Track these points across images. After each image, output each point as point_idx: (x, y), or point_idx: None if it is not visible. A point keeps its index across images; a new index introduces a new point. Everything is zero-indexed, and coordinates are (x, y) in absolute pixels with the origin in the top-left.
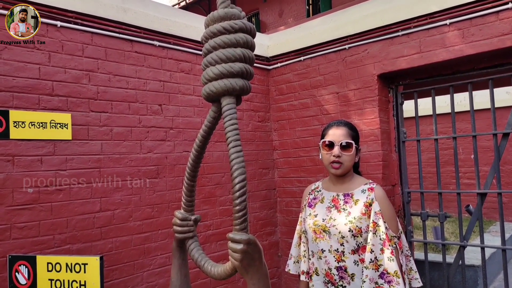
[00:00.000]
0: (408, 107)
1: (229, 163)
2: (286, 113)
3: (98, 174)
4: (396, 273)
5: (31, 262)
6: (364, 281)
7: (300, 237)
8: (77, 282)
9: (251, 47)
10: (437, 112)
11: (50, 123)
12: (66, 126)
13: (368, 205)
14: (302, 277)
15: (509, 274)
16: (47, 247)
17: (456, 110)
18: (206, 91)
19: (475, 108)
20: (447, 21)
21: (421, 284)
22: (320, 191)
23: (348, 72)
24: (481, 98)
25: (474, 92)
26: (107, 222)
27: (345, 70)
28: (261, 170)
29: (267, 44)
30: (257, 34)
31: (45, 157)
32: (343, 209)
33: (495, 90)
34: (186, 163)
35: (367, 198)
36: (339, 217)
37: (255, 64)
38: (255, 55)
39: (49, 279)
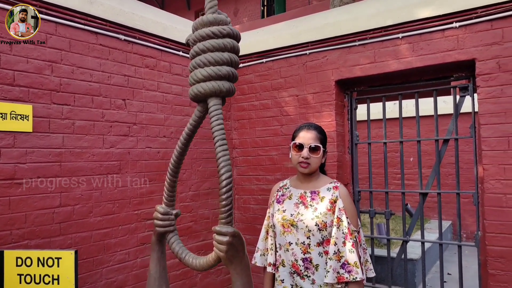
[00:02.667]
0: (363, 111)
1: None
2: (246, 113)
3: (58, 168)
4: (356, 264)
5: None
6: (328, 271)
7: (267, 231)
8: (49, 277)
9: (237, 52)
10: (387, 116)
11: (11, 114)
12: (27, 118)
13: (333, 202)
14: (269, 269)
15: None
16: (4, 243)
17: (392, 116)
18: (194, 91)
19: (405, 115)
20: (400, 35)
21: (374, 274)
22: (288, 188)
23: (308, 76)
24: (420, 106)
25: (413, 100)
26: (67, 218)
27: (305, 74)
28: None
29: None
30: None
31: (4, 149)
32: (310, 205)
33: (423, 100)
34: (148, 159)
35: (332, 195)
36: (306, 212)
37: None
38: None
39: (18, 274)
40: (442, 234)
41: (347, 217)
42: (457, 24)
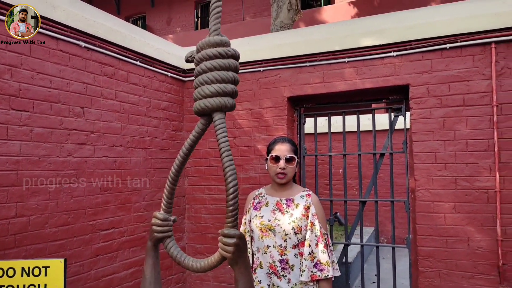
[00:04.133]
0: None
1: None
2: None
3: (15, 177)
4: (327, 263)
5: None
6: (304, 270)
7: None
8: (35, 286)
9: (238, 71)
10: (332, 130)
11: None
12: None
13: (307, 208)
14: None
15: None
16: None
17: (338, 130)
18: (201, 106)
19: (348, 130)
20: (346, 59)
21: (339, 273)
22: (264, 196)
23: (262, 92)
24: (354, 122)
25: (349, 117)
26: (22, 229)
27: (259, 90)
28: None
29: (183, 56)
30: (174, 46)
31: None
32: (286, 211)
33: (368, 116)
34: (105, 168)
35: (305, 202)
36: (283, 218)
37: (171, 75)
38: (172, 66)
39: None
40: (367, 240)
41: (319, 222)
42: (395, 53)
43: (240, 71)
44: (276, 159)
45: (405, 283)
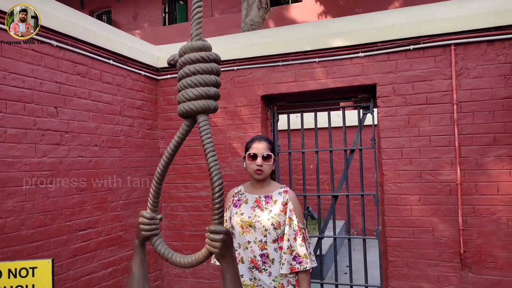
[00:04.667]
0: (284, 121)
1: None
2: (174, 123)
3: None
4: (305, 255)
5: None
6: (283, 263)
7: None
8: (23, 287)
9: (219, 74)
10: (305, 127)
11: None
12: None
13: (285, 204)
14: None
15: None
16: None
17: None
18: (185, 108)
19: (320, 126)
20: (317, 59)
21: (316, 264)
22: (243, 193)
23: (236, 91)
24: (325, 119)
25: (320, 113)
26: None
27: (233, 89)
28: (149, 176)
29: (157, 55)
30: (144, 43)
31: None
32: (265, 208)
33: (339, 112)
34: (80, 169)
35: (283, 198)
36: (262, 214)
37: (144, 73)
38: (146, 65)
39: None
40: (338, 233)
41: (296, 217)
42: (362, 54)
43: None
44: (254, 157)
45: (375, 273)
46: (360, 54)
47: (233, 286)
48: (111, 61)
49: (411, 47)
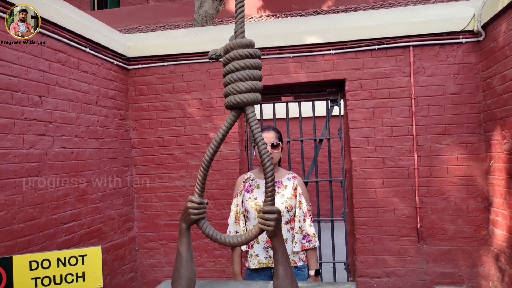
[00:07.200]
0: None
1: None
2: (147, 113)
3: None
4: (314, 234)
5: (4, 264)
6: (296, 242)
7: (236, 217)
8: (73, 275)
9: (261, 69)
10: (276, 117)
11: None
12: None
13: (295, 189)
14: (243, 247)
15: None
16: None
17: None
18: (236, 100)
19: (291, 116)
20: (291, 55)
21: (318, 244)
22: (254, 179)
23: (212, 82)
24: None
25: (291, 104)
26: None
27: (209, 80)
28: (122, 167)
29: (127, 44)
30: (116, 32)
31: None
32: (278, 192)
33: (305, 104)
34: (63, 160)
35: (293, 183)
36: (276, 198)
37: (116, 63)
38: (118, 54)
39: (32, 278)
40: None
41: (305, 200)
42: (333, 51)
43: (189, 62)
44: None
45: (342, 251)
46: (331, 52)
47: (285, 260)
48: (87, 49)
49: (376, 47)
